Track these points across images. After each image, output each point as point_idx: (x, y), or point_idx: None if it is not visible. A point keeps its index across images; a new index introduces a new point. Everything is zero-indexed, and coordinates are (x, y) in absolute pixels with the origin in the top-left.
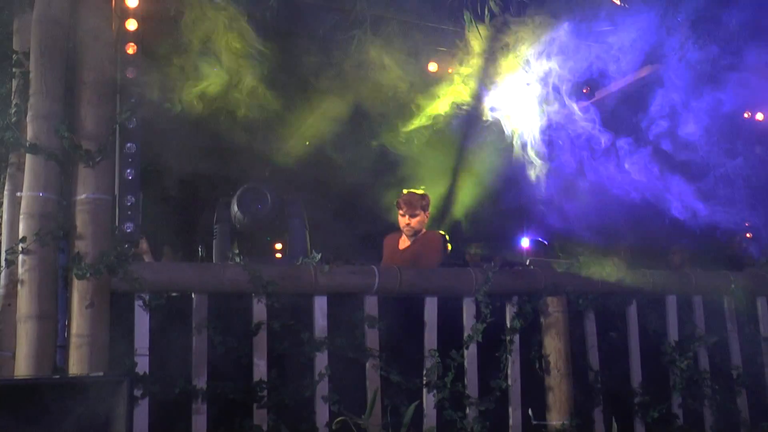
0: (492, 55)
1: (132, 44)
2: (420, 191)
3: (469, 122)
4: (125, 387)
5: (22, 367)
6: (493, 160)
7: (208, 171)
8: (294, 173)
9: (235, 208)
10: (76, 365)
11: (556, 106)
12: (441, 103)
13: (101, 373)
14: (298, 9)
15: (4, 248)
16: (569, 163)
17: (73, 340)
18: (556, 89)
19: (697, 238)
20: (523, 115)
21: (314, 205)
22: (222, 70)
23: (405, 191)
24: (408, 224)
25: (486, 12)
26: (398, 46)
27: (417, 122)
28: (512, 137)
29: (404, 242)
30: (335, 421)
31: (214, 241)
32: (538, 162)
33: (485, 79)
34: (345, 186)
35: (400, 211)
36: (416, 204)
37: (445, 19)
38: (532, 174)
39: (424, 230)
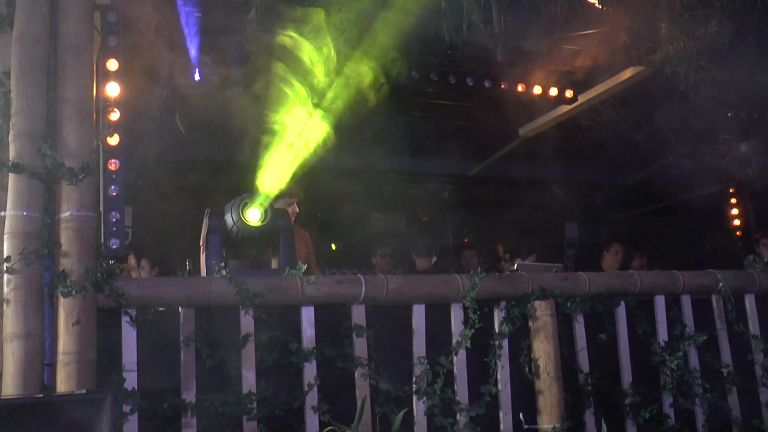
0: None
1: (113, 60)
2: None
3: None
4: (108, 404)
5: (10, 386)
6: None
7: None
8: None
9: (234, 215)
10: (63, 383)
11: None
12: None
13: (84, 391)
14: None
15: None
16: None
17: (60, 358)
18: None
19: None
20: None
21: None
22: None
23: None
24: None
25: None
26: None
27: None
28: None
29: None
30: (325, 430)
31: (203, 254)
32: None
33: None
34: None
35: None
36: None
37: None
38: None
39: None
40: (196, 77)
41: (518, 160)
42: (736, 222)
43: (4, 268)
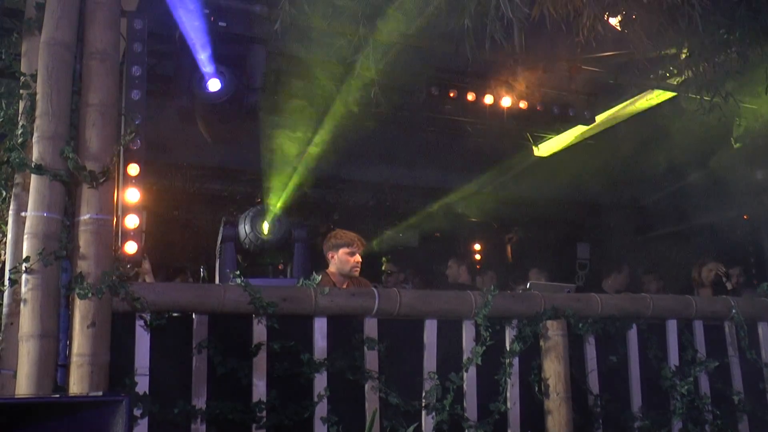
0: None
1: (137, 66)
2: None
3: None
4: (124, 407)
5: (24, 385)
6: None
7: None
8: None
9: (247, 228)
10: (76, 384)
11: None
12: None
13: (100, 393)
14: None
15: (8, 267)
16: None
17: (74, 360)
18: None
19: None
20: None
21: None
22: None
23: (342, 231)
24: (358, 263)
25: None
26: None
27: None
28: None
29: (342, 284)
30: None
31: (217, 261)
32: None
33: None
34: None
35: (348, 249)
36: (361, 244)
37: None
38: None
39: None
40: (216, 85)
41: (533, 179)
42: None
43: (23, 268)
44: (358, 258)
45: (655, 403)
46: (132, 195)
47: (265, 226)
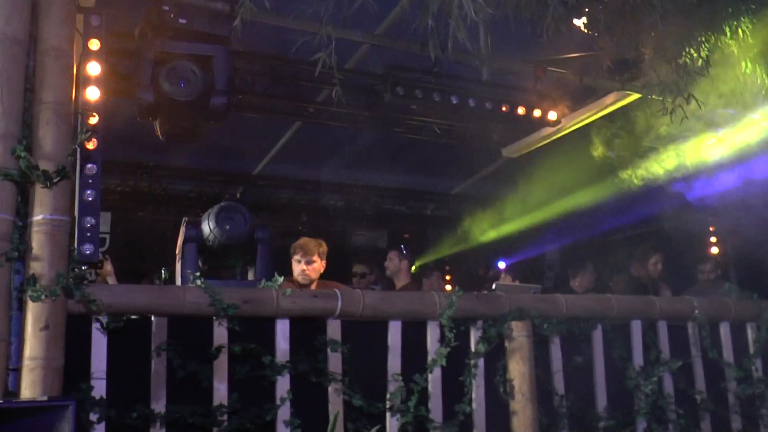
0: None
1: (95, 63)
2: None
3: None
4: (70, 412)
5: None
6: None
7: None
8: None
9: (212, 224)
10: (28, 389)
11: None
12: None
13: (45, 398)
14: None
15: None
16: None
17: (26, 363)
18: None
19: None
20: None
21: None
22: None
23: (302, 238)
24: (304, 271)
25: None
26: None
27: None
28: None
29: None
30: None
31: (178, 263)
32: None
33: None
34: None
35: (296, 257)
36: (314, 250)
37: None
38: None
39: (317, 279)
40: (180, 86)
41: (501, 180)
42: (714, 250)
43: None
44: (303, 266)
45: (620, 402)
46: (89, 195)
47: (231, 223)
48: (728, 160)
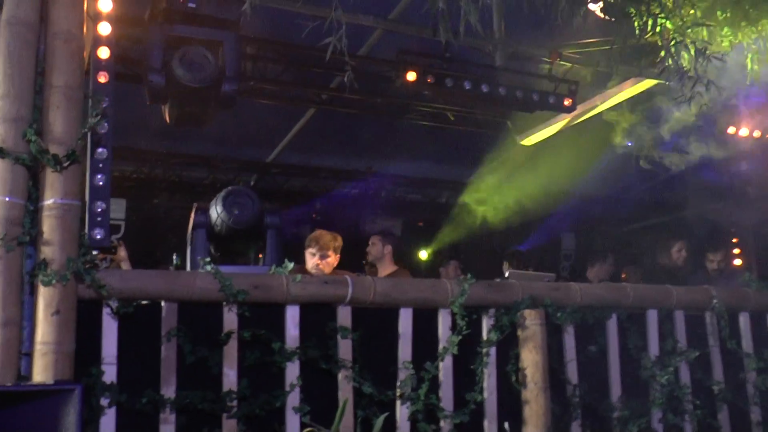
0: None
1: (105, 48)
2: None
3: None
4: (76, 396)
5: None
6: None
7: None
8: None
9: (219, 208)
10: (40, 373)
11: None
12: None
13: (52, 382)
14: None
15: None
16: None
17: (38, 348)
18: None
19: None
20: None
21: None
22: None
23: (318, 230)
24: (318, 265)
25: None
26: None
27: None
28: None
29: None
30: None
31: (188, 248)
32: None
33: None
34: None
35: (310, 251)
36: (329, 245)
37: None
38: None
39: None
40: (192, 72)
41: (517, 168)
42: (734, 240)
43: None
44: (317, 260)
45: (635, 393)
46: (100, 179)
47: (238, 208)
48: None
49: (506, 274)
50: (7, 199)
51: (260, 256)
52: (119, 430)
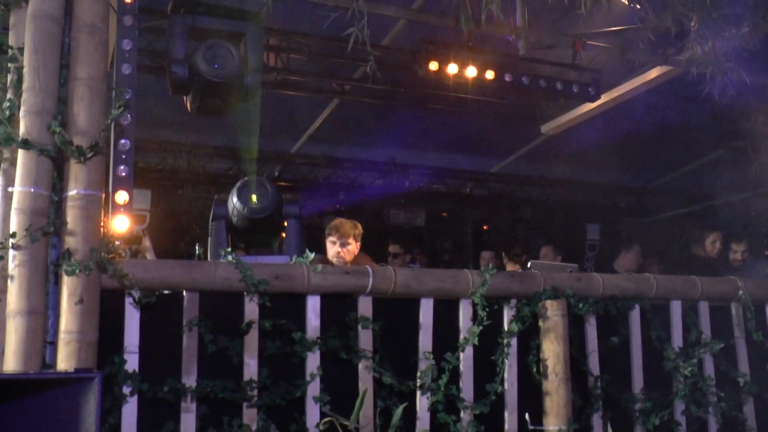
0: None
1: (128, 40)
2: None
3: None
4: (96, 384)
5: (11, 362)
6: None
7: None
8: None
9: (234, 199)
10: (64, 362)
11: None
12: None
13: (72, 370)
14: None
15: None
16: None
17: (62, 337)
18: None
19: None
20: None
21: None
22: None
23: (338, 218)
24: (339, 254)
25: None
26: None
27: None
28: None
29: None
30: (322, 421)
31: (209, 239)
32: None
33: None
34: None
35: (331, 239)
36: (349, 233)
37: None
38: None
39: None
40: (215, 66)
41: (540, 159)
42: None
43: (10, 244)
44: (338, 248)
45: (658, 384)
46: (123, 170)
47: (254, 197)
48: None
49: (528, 265)
50: (33, 190)
51: (283, 246)
52: (141, 418)
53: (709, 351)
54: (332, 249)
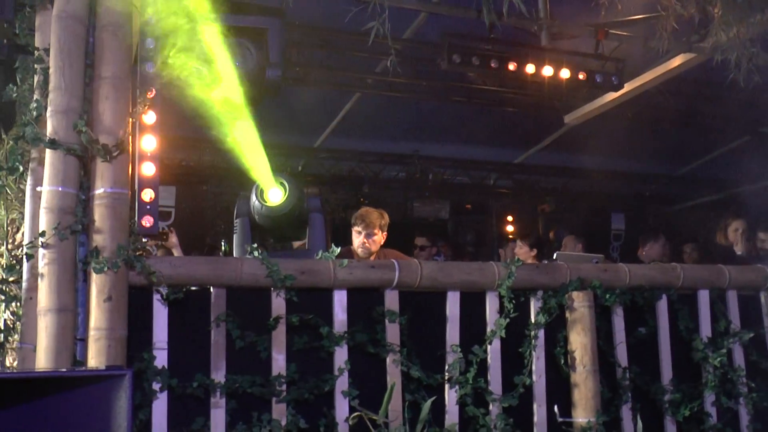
0: None
1: (151, 38)
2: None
3: None
4: (127, 380)
5: (42, 359)
6: None
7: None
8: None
9: (254, 198)
10: (94, 358)
11: None
12: None
13: (103, 367)
14: None
15: (25, 242)
16: None
17: (92, 333)
18: None
19: None
20: None
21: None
22: None
23: (363, 207)
24: (364, 243)
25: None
26: None
27: None
28: None
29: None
30: (351, 416)
31: (234, 236)
32: None
33: None
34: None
35: (356, 229)
36: (375, 223)
37: None
38: None
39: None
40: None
41: (564, 149)
42: None
43: (39, 243)
44: (364, 239)
45: (686, 375)
46: (147, 169)
47: (273, 194)
48: None
49: (554, 256)
50: (60, 189)
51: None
52: (171, 413)
53: (739, 341)
54: (358, 239)
